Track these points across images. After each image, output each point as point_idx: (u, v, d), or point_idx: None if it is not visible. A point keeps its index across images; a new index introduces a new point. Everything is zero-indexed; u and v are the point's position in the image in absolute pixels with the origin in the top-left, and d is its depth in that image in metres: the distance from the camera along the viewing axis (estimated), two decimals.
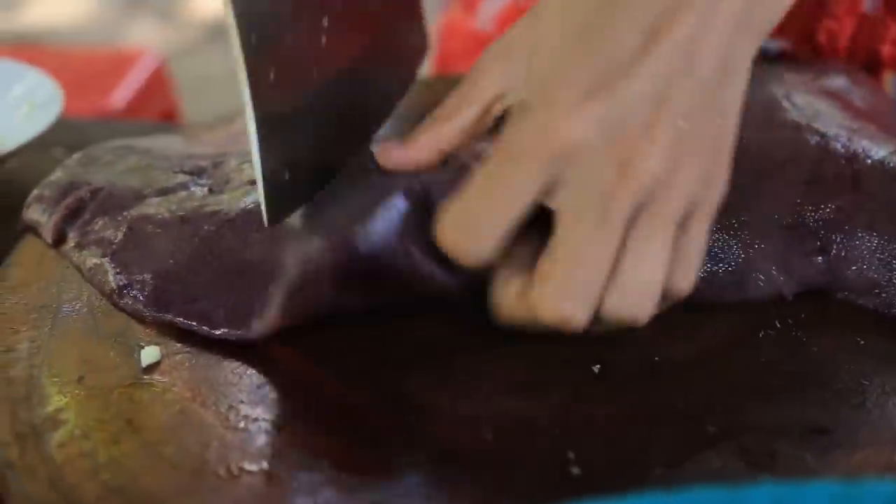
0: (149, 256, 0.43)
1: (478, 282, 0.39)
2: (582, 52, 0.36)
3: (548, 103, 0.35)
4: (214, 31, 2.68)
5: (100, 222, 0.45)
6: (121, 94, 1.36)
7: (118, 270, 0.43)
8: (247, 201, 0.43)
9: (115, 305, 0.42)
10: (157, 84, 1.49)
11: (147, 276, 0.42)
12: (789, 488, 0.29)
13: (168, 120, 1.51)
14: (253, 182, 0.45)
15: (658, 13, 0.35)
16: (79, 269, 0.44)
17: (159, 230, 0.44)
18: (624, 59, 0.35)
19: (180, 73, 1.82)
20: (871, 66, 0.58)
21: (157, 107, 1.48)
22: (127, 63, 1.46)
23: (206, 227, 0.43)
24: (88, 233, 0.45)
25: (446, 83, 0.65)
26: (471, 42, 0.82)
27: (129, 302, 0.42)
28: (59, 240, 0.46)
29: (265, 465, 0.35)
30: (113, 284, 0.43)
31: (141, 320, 0.42)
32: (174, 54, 2.34)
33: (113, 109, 1.32)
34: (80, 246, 0.45)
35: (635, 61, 0.35)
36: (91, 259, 0.44)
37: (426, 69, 0.92)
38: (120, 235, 0.44)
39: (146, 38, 2.66)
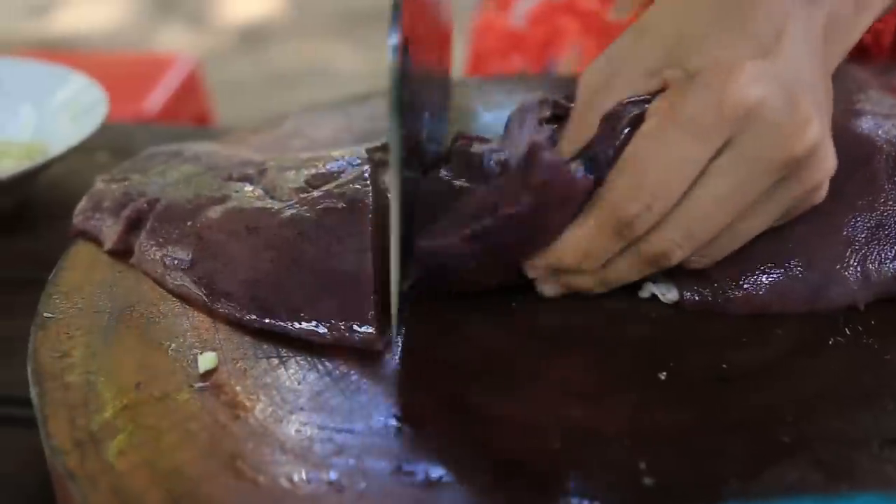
0: (230, 266, 0.43)
1: None
2: (737, 26, 0.37)
3: (717, 69, 0.36)
4: (245, 36, 2.69)
5: (165, 233, 0.45)
6: (156, 99, 1.36)
7: (204, 282, 0.43)
8: (303, 212, 0.43)
9: (210, 314, 0.42)
10: (191, 88, 1.49)
11: (238, 287, 0.42)
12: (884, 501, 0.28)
13: (201, 124, 1.52)
14: (300, 190, 0.46)
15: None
16: (158, 281, 0.44)
17: (229, 239, 0.43)
18: (771, 36, 0.37)
19: (212, 78, 1.82)
20: None
21: (190, 111, 1.48)
22: (161, 68, 1.46)
23: (276, 237, 0.43)
24: (156, 245, 0.45)
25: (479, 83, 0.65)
26: (504, 40, 0.82)
27: (225, 310, 0.42)
28: (125, 250, 0.46)
29: (327, 473, 0.34)
30: (203, 296, 0.42)
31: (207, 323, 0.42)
32: (205, 59, 2.35)
33: (148, 113, 1.32)
34: (152, 259, 0.45)
35: (781, 37, 0.37)
36: (171, 273, 0.44)
37: (460, 67, 0.92)
38: (192, 247, 0.44)
39: (177, 42, 2.68)
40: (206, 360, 0.39)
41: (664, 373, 0.38)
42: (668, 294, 0.42)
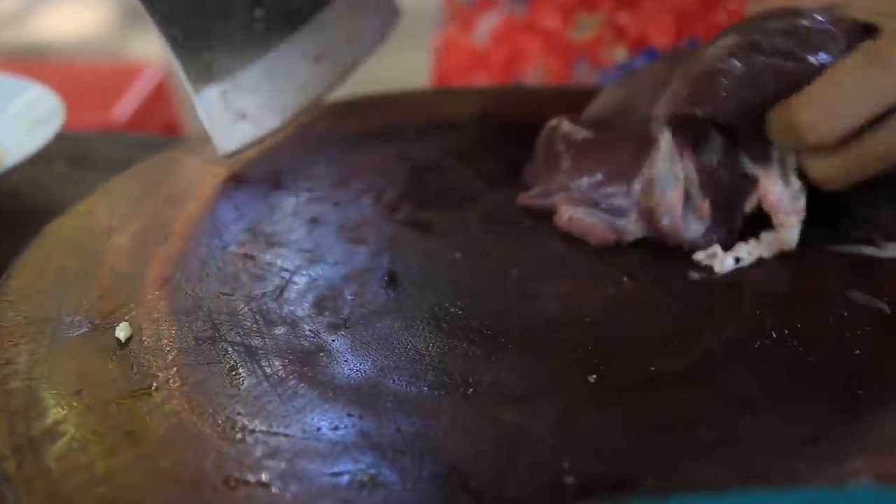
0: None
1: None
2: None
3: None
4: None
5: None
6: (124, 108, 1.37)
7: None
8: None
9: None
10: (160, 97, 1.50)
11: None
12: (779, 495, 0.29)
13: (171, 133, 1.52)
14: None
15: None
16: None
17: None
18: None
19: (180, 85, 1.83)
20: None
21: (159, 120, 1.48)
22: (130, 76, 1.47)
23: None
24: None
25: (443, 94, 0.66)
26: (468, 58, 0.83)
27: None
28: None
29: (262, 476, 0.35)
30: None
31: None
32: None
33: (116, 123, 1.33)
34: None
35: None
36: None
37: (425, 83, 0.93)
38: None
39: (150, 50, 2.67)
40: (122, 330, 0.42)
41: (594, 375, 0.39)
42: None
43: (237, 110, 0.54)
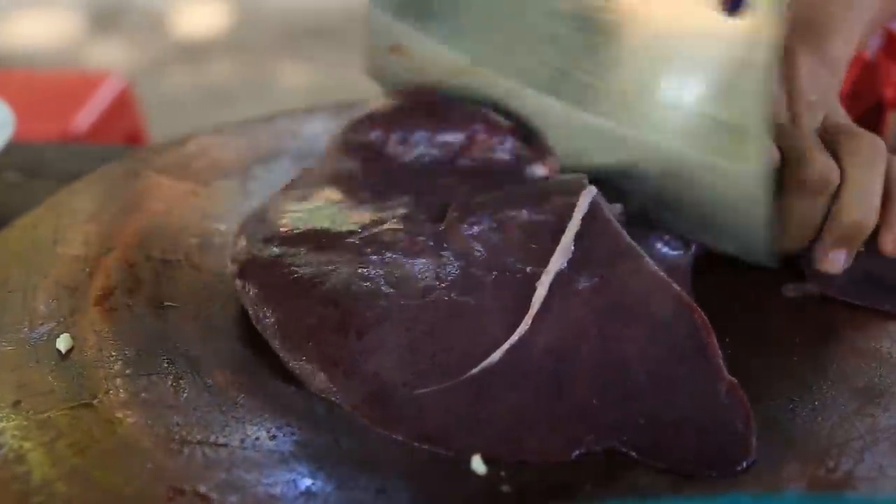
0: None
1: None
2: None
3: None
4: (182, 51, 2.68)
5: None
6: (84, 118, 1.35)
7: None
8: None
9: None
10: (122, 106, 1.48)
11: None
12: (715, 501, 0.29)
13: (132, 142, 1.51)
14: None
15: None
16: None
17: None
18: None
19: (147, 94, 1.81)
20: (876, 108, 0.67)
21: (121, 129, 1.47)
22: (91, 86, 1.45)
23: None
24: None
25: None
26: None
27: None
28: None
29: (200, 487, 0.35)
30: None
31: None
32: (141, 74, 2.34)
33: (76, 133, 1.32)
34: None
35: None
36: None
37: None
38: None
39: (116, 57, 2.66)
40: (63, 341, 0.42)
41: None
42: None
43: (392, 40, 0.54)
